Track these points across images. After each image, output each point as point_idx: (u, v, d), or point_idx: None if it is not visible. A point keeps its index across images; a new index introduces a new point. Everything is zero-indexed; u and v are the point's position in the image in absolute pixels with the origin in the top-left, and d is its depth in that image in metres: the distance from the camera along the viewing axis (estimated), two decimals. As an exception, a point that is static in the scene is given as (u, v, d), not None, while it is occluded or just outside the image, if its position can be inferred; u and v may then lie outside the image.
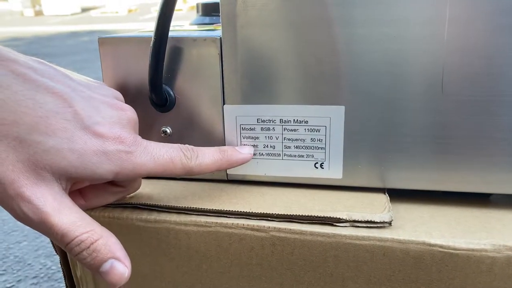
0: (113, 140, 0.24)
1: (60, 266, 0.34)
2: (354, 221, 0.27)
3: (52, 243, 0.33)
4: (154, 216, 0.29)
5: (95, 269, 0.23)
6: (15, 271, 1.04)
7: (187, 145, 0.28)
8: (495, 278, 0.25)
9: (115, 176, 0.25)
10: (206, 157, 0.28)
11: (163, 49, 0.29)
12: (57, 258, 1.06)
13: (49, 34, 6.47)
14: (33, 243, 1.15)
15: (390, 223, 0.27)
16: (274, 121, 0.31)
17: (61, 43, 5.46)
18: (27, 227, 0.24)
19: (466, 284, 0.26)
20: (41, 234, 0.23)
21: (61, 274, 1.01)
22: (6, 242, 1.17)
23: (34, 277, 1.01)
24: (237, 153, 0.30)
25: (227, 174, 0.33)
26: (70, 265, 0.33)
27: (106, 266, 0.23)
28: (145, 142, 0.26)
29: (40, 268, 1.05)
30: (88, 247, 0.23)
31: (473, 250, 0.25)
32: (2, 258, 1.09)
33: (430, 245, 0.26)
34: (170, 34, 0.29)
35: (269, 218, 0.28)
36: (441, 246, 0.25)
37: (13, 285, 0.98)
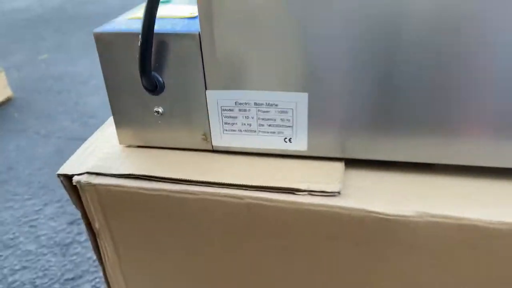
0: None
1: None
2: (311, 191, 0.34)
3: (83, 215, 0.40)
4: (152, 185, 0.36)
5: None
6: (40, 195, 1.16)
7: None
8: (417, 239, 0.32)
9: None
10: None
11: (149, 46, 0.33)
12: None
13: None
14: (54, 169, 1.26)
15: (339, 193, 0.33)
16: (250, 104, 0.36)
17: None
18: (47, 155, 0.28)
19: (394, 244, 0.33)
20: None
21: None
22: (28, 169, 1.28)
23: (58, 201, 1.13)
24: None
25: (212, 145, 0.39)
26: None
27: None
28: None
29: (63, 193, 1.16)
30: None
31: (401, 216, 0.32)
32: (28, 183, 1.21)
33: (369, 212, 0.32)
34: (155, 29, 0.33)
35: (244, 188, 0.35)
36: (377, 213, 0.32)
37: (40, 208, 1.11)
